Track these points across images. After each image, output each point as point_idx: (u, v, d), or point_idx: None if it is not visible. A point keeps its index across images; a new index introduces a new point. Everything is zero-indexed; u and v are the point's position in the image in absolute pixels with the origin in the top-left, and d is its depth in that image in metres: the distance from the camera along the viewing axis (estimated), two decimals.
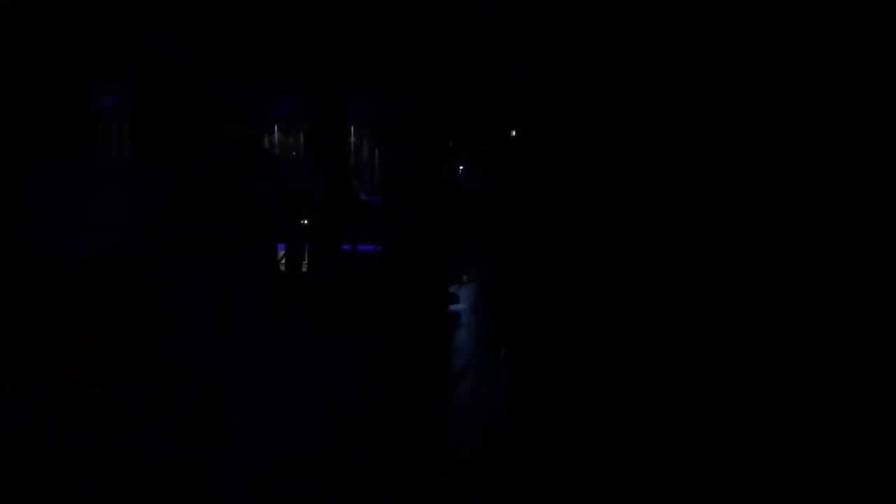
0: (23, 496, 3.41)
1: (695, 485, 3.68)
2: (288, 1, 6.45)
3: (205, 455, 3.76)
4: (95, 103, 5.92)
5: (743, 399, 4.40)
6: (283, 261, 7.08)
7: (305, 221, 7.02)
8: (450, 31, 6.19)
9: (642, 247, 5.47)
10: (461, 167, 9.24)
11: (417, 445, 4.04)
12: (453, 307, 6.26)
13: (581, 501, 3.54)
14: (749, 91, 4.79)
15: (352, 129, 7.85)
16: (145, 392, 4.34)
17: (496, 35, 6.58)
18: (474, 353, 5.78)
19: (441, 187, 6.84)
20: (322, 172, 7.09)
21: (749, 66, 4.78)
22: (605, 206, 5.61)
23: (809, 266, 4.60)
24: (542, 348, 5.58)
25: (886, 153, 4.35)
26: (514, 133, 7.50)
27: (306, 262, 7.08)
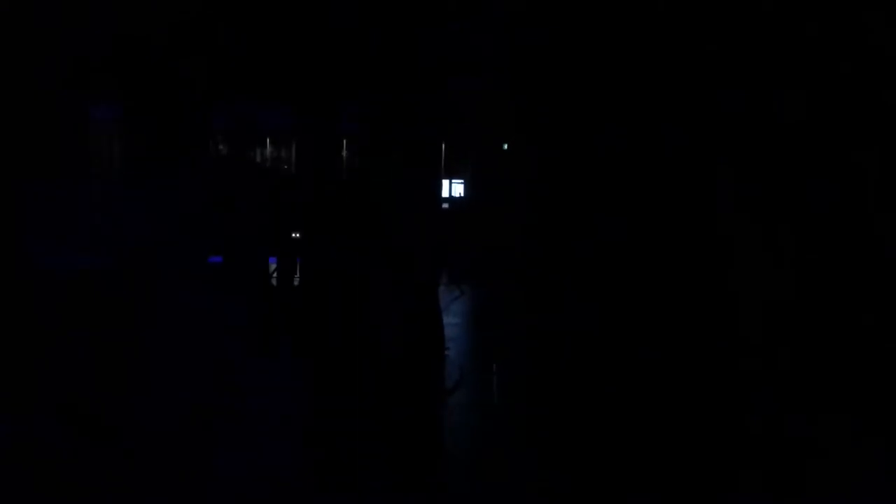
0: None
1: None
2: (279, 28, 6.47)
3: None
4: (88, 114, 5.91)
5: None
6: (275, 275, 7.06)
7: (296, 235, 7.00)
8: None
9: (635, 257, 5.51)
10: (451, 180, 9.25)
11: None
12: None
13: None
14: None
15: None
16: (141, 408, 4.31)
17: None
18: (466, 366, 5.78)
19: (429, 198, 6.84)
20: (311, 186, 7.07)
21: None
22: (600, 213, 5.63)
23: None
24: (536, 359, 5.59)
25: None
26: (505, 146, 7.53)
27: (298, 276, 7.05)
